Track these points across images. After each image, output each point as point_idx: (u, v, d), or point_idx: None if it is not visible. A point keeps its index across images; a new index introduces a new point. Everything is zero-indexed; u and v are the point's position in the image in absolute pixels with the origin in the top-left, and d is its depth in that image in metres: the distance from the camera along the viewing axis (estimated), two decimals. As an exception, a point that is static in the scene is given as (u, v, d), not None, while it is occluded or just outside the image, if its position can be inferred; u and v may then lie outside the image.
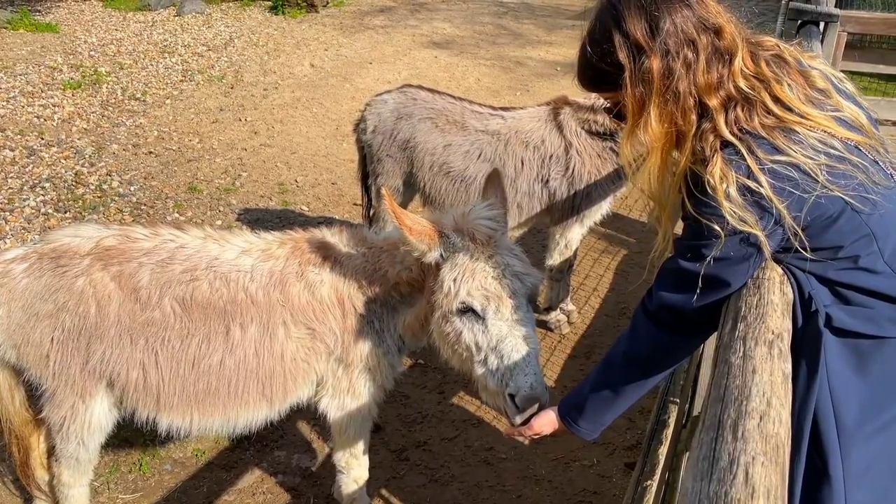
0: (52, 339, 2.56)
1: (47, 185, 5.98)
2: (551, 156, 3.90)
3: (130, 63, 9.15)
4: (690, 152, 1.63)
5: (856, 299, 1.63)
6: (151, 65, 9.16)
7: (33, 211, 5.60)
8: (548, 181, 3.94)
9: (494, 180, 2.58)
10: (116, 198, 5.93)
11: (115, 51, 9.57)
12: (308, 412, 3.12)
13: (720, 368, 1.47)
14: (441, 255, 2.30)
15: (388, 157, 4.20)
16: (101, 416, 2.70)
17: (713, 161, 1.55)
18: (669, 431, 2.61)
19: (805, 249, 1.56)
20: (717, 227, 1.55)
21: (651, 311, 1.83)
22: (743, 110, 1.58)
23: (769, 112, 1.57)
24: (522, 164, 3.93)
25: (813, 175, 1.50)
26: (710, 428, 1.30)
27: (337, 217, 5.89)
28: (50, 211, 5.63)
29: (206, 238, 2.67)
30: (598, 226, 4.37)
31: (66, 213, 5.63)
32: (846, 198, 1.51)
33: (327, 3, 12.48)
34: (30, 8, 10.96)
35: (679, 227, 1.76)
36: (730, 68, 1.60)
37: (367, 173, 4.45)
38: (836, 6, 5.04)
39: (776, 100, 1.57)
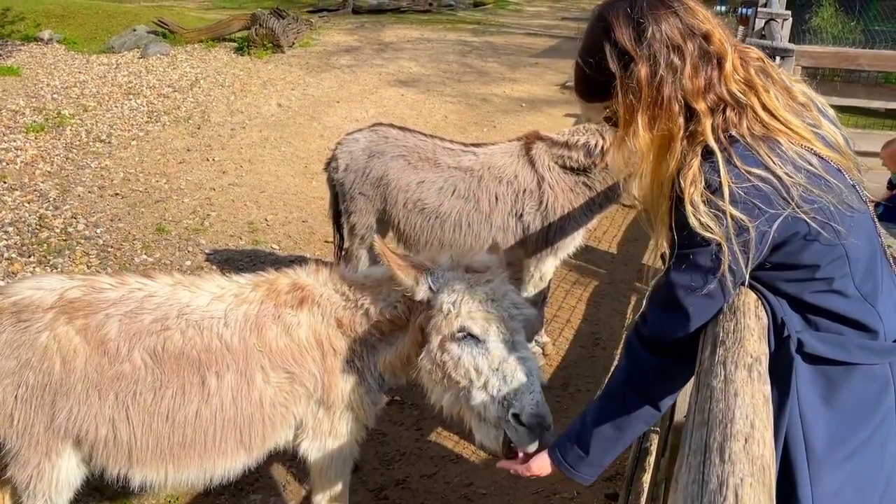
0: (16, 397, 2.46)
1: (10, 229, 5.87)
2: (524, 190, 3.96)
3: (95, 105, 9.09)
4: (680, 157, 1.63)
5: (826, 326, 1.65)
6: (116, 106, 9.11)
7: (-4, 256, 5.49)
8: (522, 215, 3.99)
9: (493, 249, 2.65)
10: (82, 241, 5.84)
11: (78, 93, 9.51)
12: (283, 454, 3.07)
13: (703, 393, 1.49)
14: (430, 288, 2.33)
15: (360, 196, 4.22)
16: (68, 473, 2.60)
17: (689, 164, 1.57)
18: (652, 459, 2.63)
19: (747, 265, 1.56)
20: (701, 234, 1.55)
21: (645, 335, 1.79)
22: (734, 112, 1.59)
23: (757, 118, 1.58)
24: (496, 199, 3.97)
25: (786, 195, 1.51)
26: (697, 452, 1.31)
27: (308, 255, 5.87)
28: (14, 255, 5.51)
29: (176, 285, 2.60)
30: (569, 257, 4.43)
31: (30, 257, 5.52)
32: (811, 222, 1.53)
33: (293, 43, 12.59)
34: (-10, 52, 10.86)
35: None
36: (721, 71, 1.61)
37: (339, 212, 4.45)
38: (789, 41, 5.25)
39: (764, 107, 1.59)
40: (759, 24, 5.63)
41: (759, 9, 5.99)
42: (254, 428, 2.54)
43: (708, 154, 1.58)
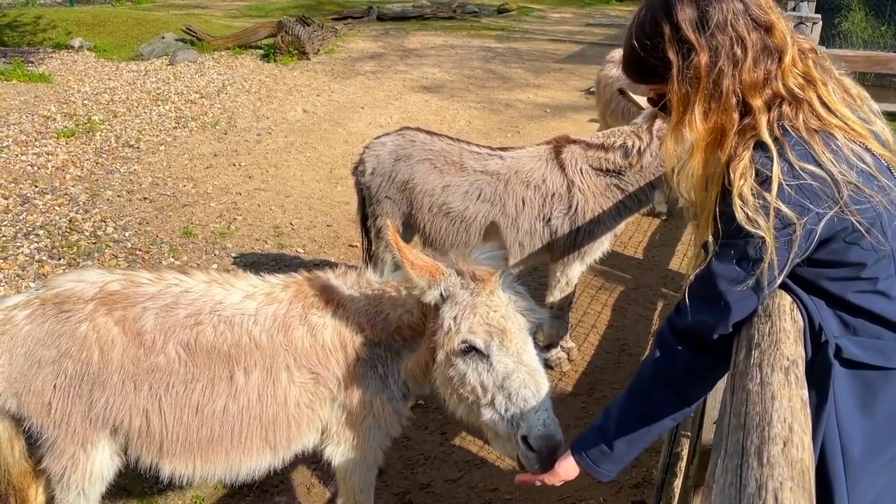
0: (55, 386, 2.50)
1: (41, 232, 5.97)
2: (553, 194, 3.92)
3: (124, 111, 9.23)
4: (732, 150, 1.59)
5: (865, 329, 1.62)
6: (145, 112, 9.24)
7: (27, 258, 5.58)
8: (549, 220, 3.96)
9: (493, 231, 2.59)
10: (111, 244, 5.92)
11: (108, 99, 9.66)
12: (308, 456, 3.08)
13: (738, 395, 1.47)
14: (441, 295, 2.26)
15: (387, 199, 4.22)
16: (102, 465, 2.64)
17: (740, 156, 1.54)
18: (683, 464, 2.59)
19: (790, 262, 1.53)
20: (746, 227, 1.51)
21: (678, 327, 1.74)
22: (790, 107, 1.56)
23: (814, 112, 1.55)
24: (523, 203, 3.95)
25: (836, 194, 1.47)
26: (734, 455, 1.29)
27: (332, 259, 5.90)
28: (44, 258, 5.60)
29: (211, 282, 2.64)
30: (594, 263, 4.39)
31: (60, 259, 5.61)
32: (857, 224, 1.50)
33: (318, 50, 12.69)
34: (23, 59, 11.08)
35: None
36: (779, 65, 1.57)
37: (365, 215, 4.46)
38: (819, 45, 5.18)
39: (821, 101, 1.56)
40: (789, 27, 5.56)
41: (788, 12, 5.92)
42: (279, 427, 2.55)
43: (760, 147, 1.54)
